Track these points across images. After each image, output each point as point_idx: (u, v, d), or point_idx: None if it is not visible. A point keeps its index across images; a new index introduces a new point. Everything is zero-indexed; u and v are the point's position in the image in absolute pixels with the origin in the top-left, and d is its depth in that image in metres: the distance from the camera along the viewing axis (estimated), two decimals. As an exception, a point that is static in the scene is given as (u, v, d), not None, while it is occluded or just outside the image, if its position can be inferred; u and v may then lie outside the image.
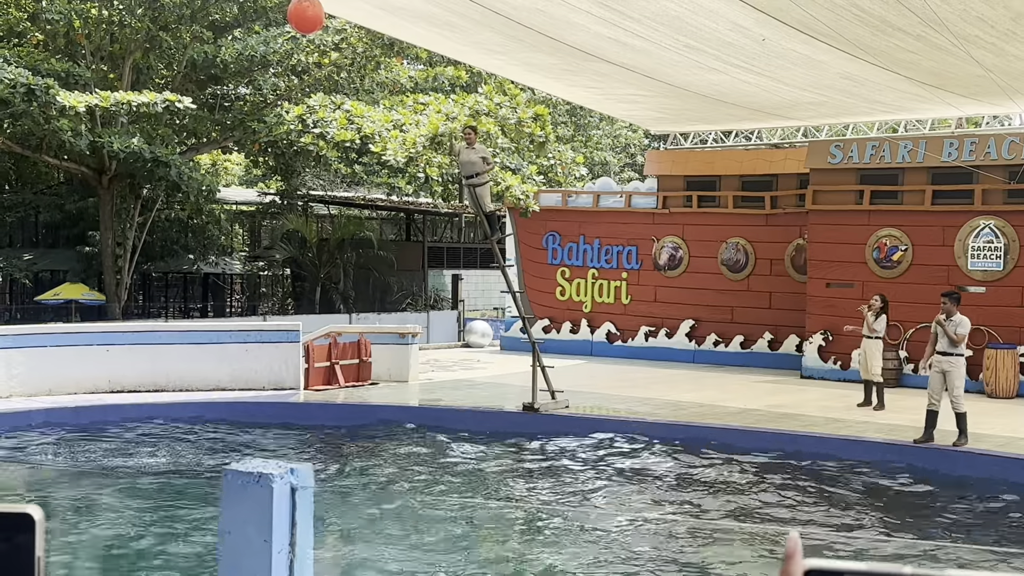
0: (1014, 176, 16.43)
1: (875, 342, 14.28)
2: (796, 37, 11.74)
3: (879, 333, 14.25)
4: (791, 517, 8.84)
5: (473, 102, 19.07)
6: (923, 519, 9.02)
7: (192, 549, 7.63)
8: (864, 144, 17.83)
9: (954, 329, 11.25)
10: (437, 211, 30.55)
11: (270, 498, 2.76)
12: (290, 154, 25.35)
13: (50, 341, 14.68)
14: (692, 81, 14.97)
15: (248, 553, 2.79)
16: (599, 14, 11.41)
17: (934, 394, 11.36)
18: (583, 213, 22.04)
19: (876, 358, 14.23)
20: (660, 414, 13.52)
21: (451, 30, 13.05)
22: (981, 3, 10.09)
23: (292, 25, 10.37)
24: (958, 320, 11.33)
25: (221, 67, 23.14)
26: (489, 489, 10.09)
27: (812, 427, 12.65)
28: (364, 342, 16.29)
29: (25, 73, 19.06)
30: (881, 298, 14.48)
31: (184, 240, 31.96)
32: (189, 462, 10.99)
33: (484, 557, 7.83)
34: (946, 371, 11.27)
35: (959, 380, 11.24)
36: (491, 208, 14.55)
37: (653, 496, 9.80)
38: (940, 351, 11.36)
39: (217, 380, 15.12)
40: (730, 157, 20.49)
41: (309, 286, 32.85)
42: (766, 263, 20.03)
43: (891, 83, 14.17)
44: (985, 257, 16.81)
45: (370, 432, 12.73)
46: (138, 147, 21.24)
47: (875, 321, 14.23)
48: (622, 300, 21.66)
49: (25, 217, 32.04)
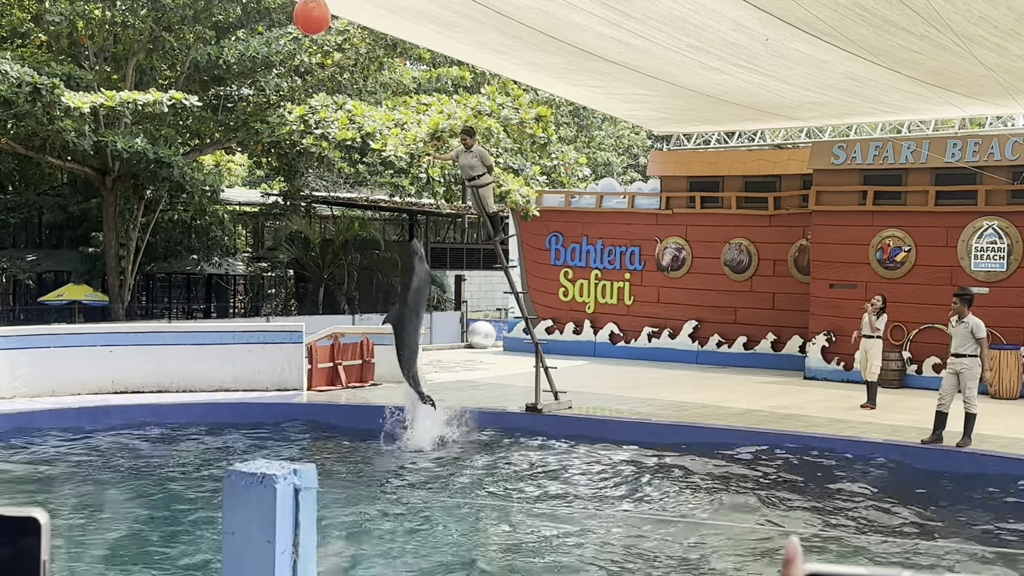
0: (1018, 177, 16.41)
1: (876, 342, 14.28)
2: (799, 37, 11.73)
3: (880, 332, 14.26)
4: (790, 518, 8.83)
5: (476, 102, 19.08)
6: (925, 521, 9.00)
7: (195, 550, 7.63)
8: (867, 145, 17.82)
9: (969, 330, 11.19)
10: (440, 212, 30.55)
11: (273, 499, 2.76)
12: (293, 155, 25.35)
13: (54, 342, 14.70)
14: (695, 81, 14.96)
15: (251, 553, 2.79)
16: (602, 14, 11.41)
17: (945, 395, 11.30)
18: (586, 214, 22.04)
19: (877, 358, 14.23)
20: (663, 415, 13.51)
21: (454, 30, 13.06)
22: (984, 3, 10.08)
23: (298, 26, 10.38)
24: (974, 323, 11.28)
25: (224, 68, 23.16)
26: (492, 488, 10.09)
27: (815, 428, 12.64)
28: (367, 343, 16.30)
29: (30, 73, 19.08)
30: (882, 298, 14.50)
31: (187, 241, 31.98)
32: (192, 463, 11.00)
33: (487, 556, 7.83)
34: (960, 372, 11.22)
35: (973, 381, 11.18)
36: (494, 209, 14.55)
37: (655, 494, 9.79)
38: (954, 352, 11.33)
39: (221, 381, 15.14)
40: (733, 158, 20.48)
41: (312, 287, 32.87)
42: (769, 264, 20.02)
43: (894, 83, 14.16)
44: (989, 258, 16.79)
45: (371, 433, 12.72)
46: (142, 147, 21.26)
47: (876, 320, 14.24)
48: (625, 301, 21.65)
49: (29, 218, 32.08)
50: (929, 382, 17.06)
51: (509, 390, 15.75)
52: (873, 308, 14.33)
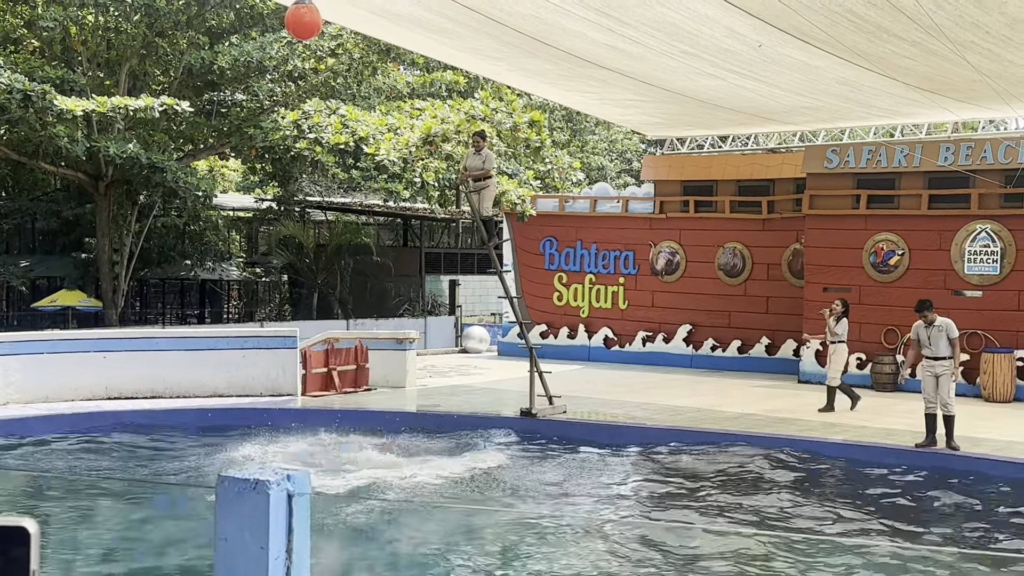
0: (1010, 180, 16.46)
1: (839, 346, 14.28)
2: (792, 43, 11.76)
3: (841, 337, 14.27)
4: (785, 522, 8.84)
5: (469, 107, 19.09)
6: (917, 522, 9.02)
7: (187, 556, 7.62)
8: (860, 149, 17.86)
9: (943, 332, 11.34)
10: (434, 217, 30.55)
11: (267, 505, 2.76)
12: (286, 160, 25.33)
13: (47, 348, 14.67)
14: (689, 87, 14.99)
15: (244, 560, 2.79)
16: (596, 20, 11.42)
17: (929, 398, 11.44)
18: (580, 218, 22.07)
19: (840, 363, 14.23)
20: (658, 419, 13.51)
21: (448, 36, 13.06)
22: (977, 9, 10.11)
23: (289, 31, 10.37)
24: (947, 325, 11.42)
25: (217, 73, 23.15)
26: (488, 492, 10.08)
27: (810, 432, 12.66)
28: (361, 348, 16.30)
29: (21, 79, 19.04)
30: (842, 303, 14.50)
31: (181, 246, 31.94)
32: (185, 468, 10.97)
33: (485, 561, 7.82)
34: (939, 375, 11.36)
35: (951, 384, 11.33)
36: (490, 213, 14.56)
37: (648, 498, 9.79)
38: (931, 356, 11.45)
39: (215, 386, 15.12)
40: (727, 162, 20.52)
41: (306, 292, 32.85)
42: (763, 268, 20.05)
43: (887, 88, 14.20)
44: (982, 261, 16.83)
45: (367, 436, 12.70)
46: (134, 153, 21.23)
47: (836, 325, 14.25)
48: (619, 305, 21.67)
49: (22, 224, 32.02)
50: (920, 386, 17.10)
51: (504, 395, 15.75)
52: (832, 313, 14.34)
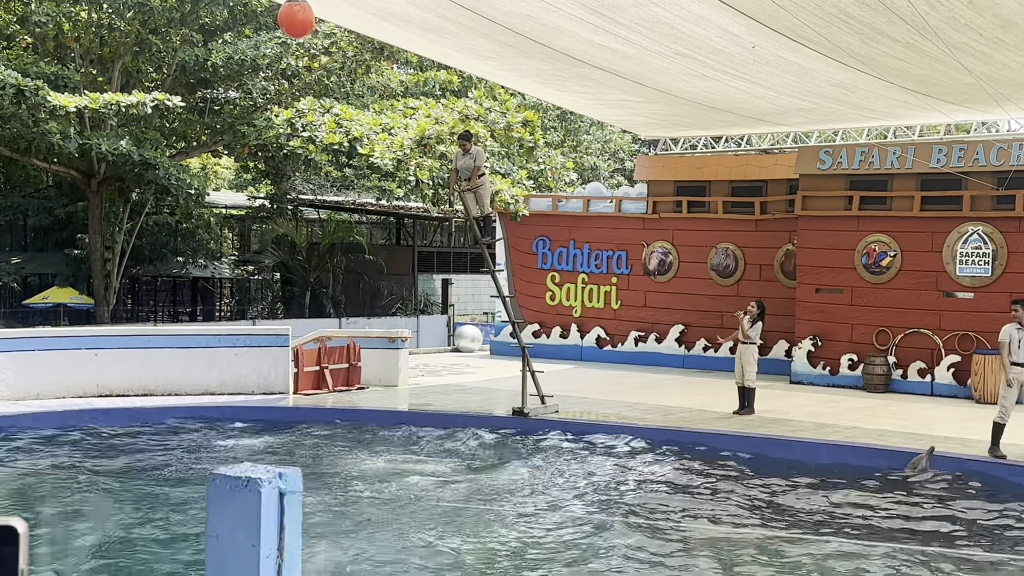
0: (1002, 182, 16.51)
1: (750, 347, 14.31)
2: (786, 44, 11.77)
3: (753, 339, 14.31)
4: (777, 522, 8.85)
5: (463, 107, 19.08)
6: (913, 524, 9.03)
7: (178, 554, 7.60)
8: (853, 150, 17.90)
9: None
10: (427, 215, 30.56)
11: (258, 502, 2.75)
12: (279, 158, 25.31)
13: (38, 345, 14.63)
14: (682, 87, 15.00)
15: (236, 557, 2.78)
16: (590, 20, 11.43)
17: (1011, 408, 11.05)
18: (573, 218, 22.08)
19: (751, 364, 14.25)
20: (649, 419, 13.52)
21: (441, 35, 13.05)
22: (970, 11, 10.13)
23: (282, 29, 10.36)
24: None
25: (211, 71, 23.10)
26: (474, 494, 10.08)
27: (801, 432, 12.67)
28: (354, 346, 16.28)
29: (14, 75, 18.98)
30: (758, 304, 14.52)
31: (173, 244, 31.88)
32: (176, 467, 10.95)
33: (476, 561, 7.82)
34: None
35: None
36: (486, 211, 14.55)
37: (638, 498, 9.80)
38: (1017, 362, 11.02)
39: (206, 384, 15.10)
40: (720, 163, 20.55)
41: (299, 290, 32.81)
42: (755, 268, 20.09)
43: (880, 90, 14.23)
44: (973, 263, 16.87)
45: (360, 435, 12.70)
46: (126, 150, 21.17)
47: (750, 328, 14.29)
48: (612, 305, 21.69)
49: (14, 220, 31.91)
50: (914, 387, 17.15)
51: (496, 394, 15.75)
52: (748, 315, 14.37)
